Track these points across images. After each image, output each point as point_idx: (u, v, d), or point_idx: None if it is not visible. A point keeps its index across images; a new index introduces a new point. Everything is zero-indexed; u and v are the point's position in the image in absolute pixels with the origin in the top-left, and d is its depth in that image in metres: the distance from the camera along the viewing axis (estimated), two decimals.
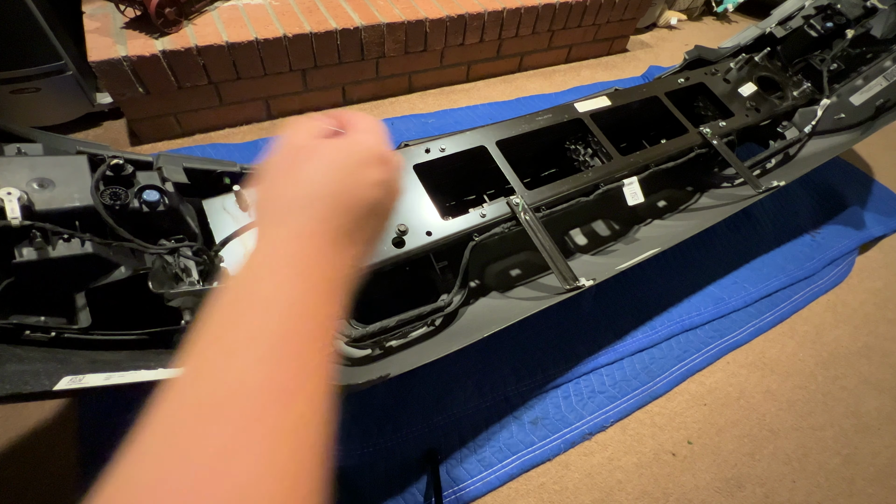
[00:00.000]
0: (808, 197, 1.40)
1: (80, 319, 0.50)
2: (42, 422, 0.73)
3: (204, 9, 1.13)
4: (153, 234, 0.54)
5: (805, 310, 1.15)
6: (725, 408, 0.95)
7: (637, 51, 1.92)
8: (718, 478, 0.85)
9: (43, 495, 0.67)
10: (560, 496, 0.79)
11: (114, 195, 0.50)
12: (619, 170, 0.88)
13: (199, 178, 0.64)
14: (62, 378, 0.38)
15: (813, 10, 1.18)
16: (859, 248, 1.31)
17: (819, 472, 0.90)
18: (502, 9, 1.39)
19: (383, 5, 1.27)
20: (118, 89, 1.02)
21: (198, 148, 1.17)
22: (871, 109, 1.14)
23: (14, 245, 0.44)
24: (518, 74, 1.66)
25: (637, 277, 1.09)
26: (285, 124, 0.29)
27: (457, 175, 0.87)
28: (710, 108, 1.10)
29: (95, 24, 1.02)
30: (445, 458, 0.79)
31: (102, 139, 1.16)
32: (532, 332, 0.95)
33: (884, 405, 1.02)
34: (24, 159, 0.48)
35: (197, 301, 0.49)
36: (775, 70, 1.19)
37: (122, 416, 0.74)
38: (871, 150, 1.64)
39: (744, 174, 0.94)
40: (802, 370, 1.04)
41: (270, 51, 1.12)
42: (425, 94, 1.49)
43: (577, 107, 0.94)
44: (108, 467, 0.17)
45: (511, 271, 0.96)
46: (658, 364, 0.97)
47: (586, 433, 0.85)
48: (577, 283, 0.69)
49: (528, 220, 0.75)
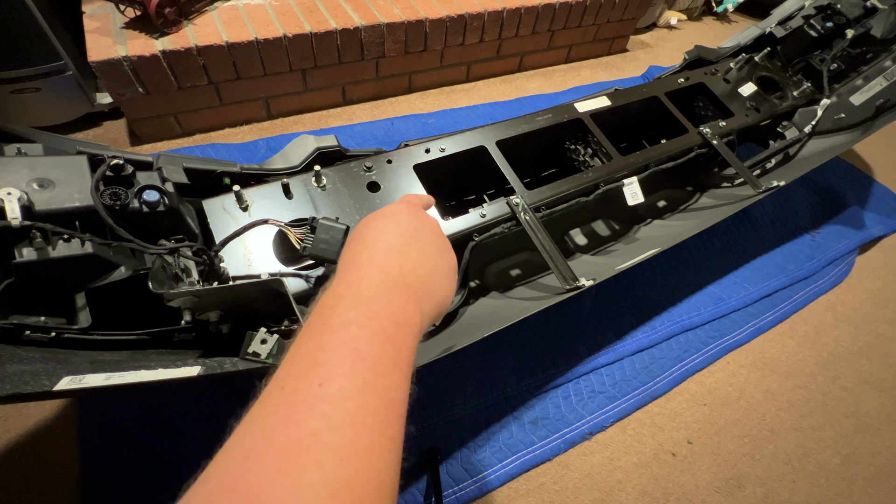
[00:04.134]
0: (808, 197, 1.40)
1: (80, 319, 0.50)
2: (42, 422, 0.73)
3: (204, 9, 1.12)
4: (153, 235, 0.54)
5: (805, 310, 1.15)
6: (725, 408, 0.95)
7: (637, 51, 1.92)
8: (718, 478, 0.85)
9: (43, 495, 0.67)
10: (560, 496, 0.79)
11: (114, 195, 0.50)
12: (619, 170, 0.88)
13: (199, 178, 0.64)
14: (62, 378, 0.38)
15: (813, 10, 1.18)
16: (859, 248, 1.31)
17: (819, 472, 0.90)
18: (502, 9, 1.39)
19: (383, 5, 1.27)
20: (118, 89, 1.02)
21: (198, 148, 1.17)
22: (871, 109, 1.14)
23: (14, 245, 0.44)
24: (518, 74, 1.66)
25: (637, 277, 1.09)
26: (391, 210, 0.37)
27: (457, 175, 0.87)
28: (710, 108, 1.10)
29: (95, 24, 1.02)
30: (445, 458, 0.78)
31: (102, 139, 1.16)
32: (532, 332, 0.95)
33: (884, 405, 1.02)
34: (24, 159, 0.48)
35: (197, 301, 0.49)
36: (775, 70, 1.19)
37: (122, 416, 0.74)
38: (871, 150, 1.64)
39: (744, 174, 0.94)
40: (802, 370, 1.04)
41: (270, 51, 1.12)
42: (425, 94, 1.49)
43: (577, 107, 0.94)
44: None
45: (511, 271, 0.96)
46: (658, 364, 0.96)
47: (586, 433, 0.85)
48: (577, 283, 0.69)
49: (528, 220, 0.75)
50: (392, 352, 0.24)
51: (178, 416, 0.75)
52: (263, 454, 0.19)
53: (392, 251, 0.31)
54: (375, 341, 0.24)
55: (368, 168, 0.73)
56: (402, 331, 0.25)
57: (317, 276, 0.62)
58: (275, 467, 0.18)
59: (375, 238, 0.32)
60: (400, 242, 0.32)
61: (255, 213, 0.64)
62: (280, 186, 0.67)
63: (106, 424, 0.73)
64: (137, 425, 0.73)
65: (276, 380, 0.22)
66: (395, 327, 0.25)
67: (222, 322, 0.53)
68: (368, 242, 0.31)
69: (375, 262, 0.30)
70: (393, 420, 0.22)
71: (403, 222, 0.33)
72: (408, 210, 0.35)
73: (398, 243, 0.31)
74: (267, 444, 0.19)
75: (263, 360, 0.46)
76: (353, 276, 0.28)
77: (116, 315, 0.53)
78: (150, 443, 0.72)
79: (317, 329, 0.24)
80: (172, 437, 0.73)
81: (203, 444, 0.73)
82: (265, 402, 0.21)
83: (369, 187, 0.72)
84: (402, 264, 0.30)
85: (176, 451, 0.72)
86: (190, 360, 0.47)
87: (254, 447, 0.19)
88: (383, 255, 0.30)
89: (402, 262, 0.30)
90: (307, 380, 0.21)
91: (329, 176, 0.71)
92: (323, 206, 0.68)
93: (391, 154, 0.77)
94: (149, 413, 0.75)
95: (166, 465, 0.71)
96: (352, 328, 0.24)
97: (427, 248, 0.33)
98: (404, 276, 0.29)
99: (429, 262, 0.32)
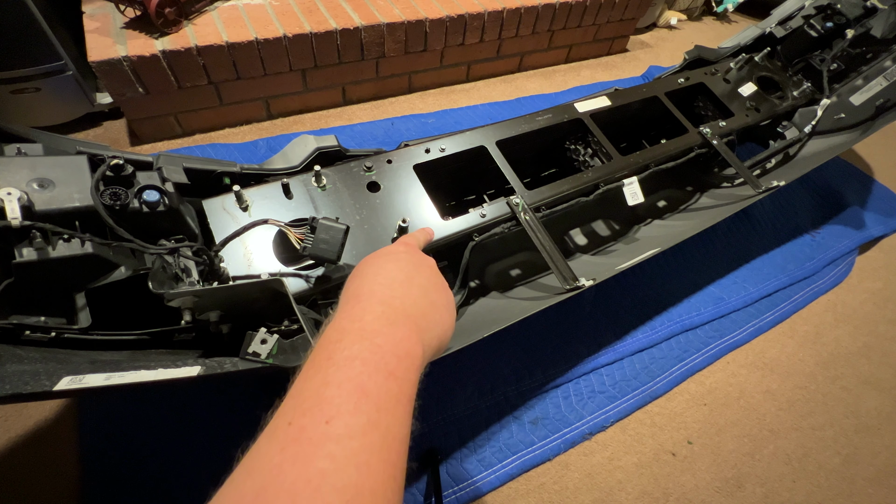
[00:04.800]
0: (808, 197, 1.40)
1: (80, 319, 0.50)
2: (42, 422, 0.73)
3: (204, 9, 1.12)
4: (153, 235, 0.54)
5: (805, 310, 1.15)
6: (725, 408, 0.95)
7: (637, 51, 1.92)
8: (718, 478, 0.85)
9: (43, 495, 0.67)
10: (560, 496, 0.79)
11: (114, 195, 0.50)
12: (619, 170, 0.88)
13: (199, 178, 0.64)
14: (62, 378, 0.38)
15: (813, 10, 1.18)
16: (859, 248, 1.31)
17: (819, 472, 0.90)
18: (502, 9, 1.39)
19: (383, 5, 1.27)
20: (118, 89, 1.02)
21: (198, 148, 1.17)
22: (871, 109, 1.14)
23: (14, 245, 0.44)
24: (518, 74, 1.66)
25: (637, 277, 1.09)
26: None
27: (457, 175, 0.87)
28: (710, 108, 1.10)
29: (95, 24, 1.02)
30: (445, 458, 0.78)
31: (102, 139, 1.16)
32: (532, 332, 0.95)
33: (884, 405, 1.02)
34: (24, 159, 0.48)
35: (197, 301, 0.49)
36: (775, 70, 1.19)
37: (122, 416, 0.74)
38: (871, 150, 1.64)
39: (744, 174, 0.94)
40: (802, 370, 1.04)
41: (270, 51, 1.12)
42: (425, 94, 1.49)
43: (577, 107, 0.94)
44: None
45: (511, 271, 0.96)
46: (658, 364, 0.96)
47: (586, 433, 0.85)
48: (577, 283, 0.69)
49: (528, 220, 0.75)
50: (395, 387, 0.24)
51: (178, 416, 0.75)
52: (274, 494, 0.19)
53: (394, 284, 0.32)
54: (379, 377, 0.24)
55: (368, 168, 0.73)
56: (404, 364, 0.26)
57: (317, 276, 0.62)
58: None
59: (377, 273, 0.33)
60: (401, 276, 0.33)
61: (255, 213, 0.64)
62: (280, 186, 0.67)
63: (106, 424, 0.73)
64: (137, 425, 0.74)
65: (282, 414, 0.23)
66: (398, 361, 0.26)
67: (222, 322, 0.53)
68: (370, 277, 0.33)
69: (377, 294, 0.31)
70: (395, 459, 0.22)
71: (402, 259, 0.35)
72: (406, 250, 0.37)
73: (399, 277, 0.33)
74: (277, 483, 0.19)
75: (263, 360, 0.46)
76: (355, 310, 0.29)
77: (116, 315, 0.53)
78: (150, 443, 0.72)
79: (321, 364, 0.25)
80: (172, 437, 0.73)
81: (203, 444, 0.73)
82: (272, 438, 0.22)
83: (369, 187, 0.72)
84: (403, 296, 0.31)
85: (176, 451, 0.72)
86: (190, 360, 0.47)
87: (264, 485, 0.20)
88: (385, 288, 0.31)
89: (403, 294, 0.31)
90: (313, 417, 0.22)
91: (329, 176, 0.71)
92: (323, 206, 0.68)
93: (391, 154, 0.77)
94: (149, 413, 0.75)
95: (166, 465, 0.71)
96: (356, 364, 0.24)
97: (426, 282, 0.34)
98: (406, 307, 0.30)
99: (429, 295, 0.33)
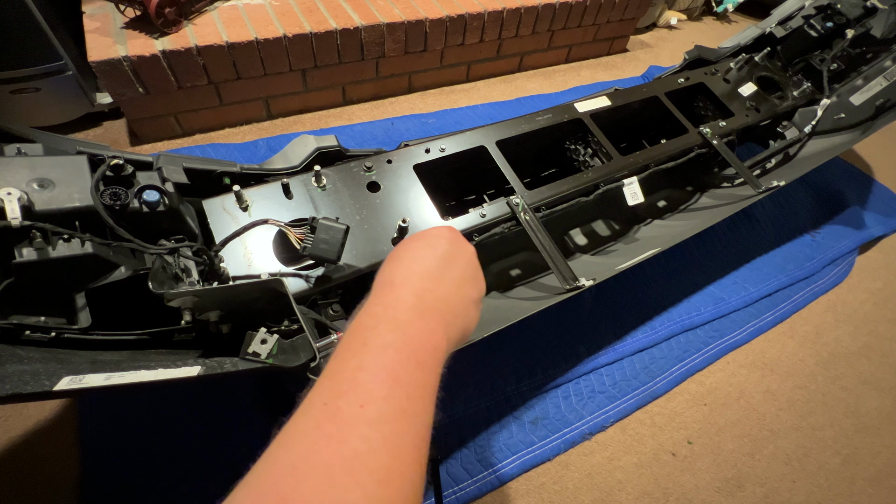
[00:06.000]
0: (808, 197, 1.40)
1: (80, 319, 0.50)
2: (42, 422, 0.73)
3: (204, 9, 1.12)
4: (153, 234, 0.54)
5: (805, 310, 1.15)
6: (725, 408, 0.95)
7: (637, 51, 1.92)
8: (718, 478, 0.85)
9: (43, 495, 0.67)
10: (560, 496, 0.79)
11: (114, 195, 0.50)
12: (619, 170, 0.88)
13: (199, 178, 0.64)
14: (62, 378, 0.38)
15: (813, 10, 1.18)
16: (859, 248, 1.31)
17: (819, 472, 0.90)
18: (502, 9, 1.39)
19: (383, 5, 1.27)
20: (118, 89, 1.02)
21: (198, 148, 1.17)
22: (871, 109, 1.14)
23: (14, 245, 0.44)
24: (518, 74, 1.66)
25: (637, 277, 1.09)
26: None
27: (457, 175, 0.87)
28: (710, 108, 1.10)
29: (95, 23, 1.02)
30: (445, 458, 0.78)
31: (102, 139, 1.16)
32: (532, 332, 0.95)
33: (884, 405, 1.02)
34: (24, 159, 0.48)
35: (197, 301, 0.49)
36: (775, 70, 1.19)
37: (122, 417, 0.74)
38: (871, 150, 1.64)
39: (744, 174, 0.94)
40: (802, 370, 1.04)
41: (270, 51, 1.12)
42: (425, 94, 1.49)
43: (577, 107, 0.94)
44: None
45: (511, 271, 0.96)
46: (658, 364, 0.96)
47: (586, 433, 0.85)
48: (577, 283, 0.69)
49: (528, 220, 0.75)
50: (422, 377, 0.26)
51: (178, 416, 0.75)
52: (310, 468, 0.20)
53: (427, 276, 0.32)
54: (409, 366, 0.25)
55: (368, 168, 0.73)
56: (432, 357, 0.27)
57: (317, 276, 0.62)
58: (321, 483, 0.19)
59: (413, 260, 0.33)
60: (435, 267, 0.33)
61: (255, 213, 0.64)
62: (280, 186, 0.67)
63: (106, 424, 0.73)
64: (137, 425, 0.74)
65: (318, 393, 0.24)
66: (427, 353, 0.27)
67: (222, 322, 0.53)
68: (405, 263, 0.33)
69: (410, 284, 0.31)
70: (421, 445, 0.23)
71: (440, 247, 0.35)
72: (448, 235, 0.36)
73: (434, 267, 0.33)
74: (313, 458, 0.20)
75: (263, 360, 0.46)
76: (388, 297, 0.30)
77: (116, 315, 0.53)
78: (150, 443, 0.72)
79: (357, 349, 0.26)
80: (172, 438, 0.73)
81: (203, 444, 0.73)
82: (308, 415, 0.23)
83: (369, 187, 0.72)
84: (435, 290, 0.32)
85: (176, 452, 0.72)
86: (190, 360, 0.47)
87: (301, 459, 0.20)
88: (418, 279, 0.32)
89: (435, 288, 0.32)
90: (348, 399, 0.23)
91: (329, 176, 0.71)
92: (323, 206, 0.68)
93: (391, 154, 0.77)
94: (149, 413, 0.75)
95: (166, 466, 0.71)
96: (389, 352, 0.26)
97: (460, 275, 0.34)
98: (436, 301, 0.31)
99: (461, 289, 0.34)
